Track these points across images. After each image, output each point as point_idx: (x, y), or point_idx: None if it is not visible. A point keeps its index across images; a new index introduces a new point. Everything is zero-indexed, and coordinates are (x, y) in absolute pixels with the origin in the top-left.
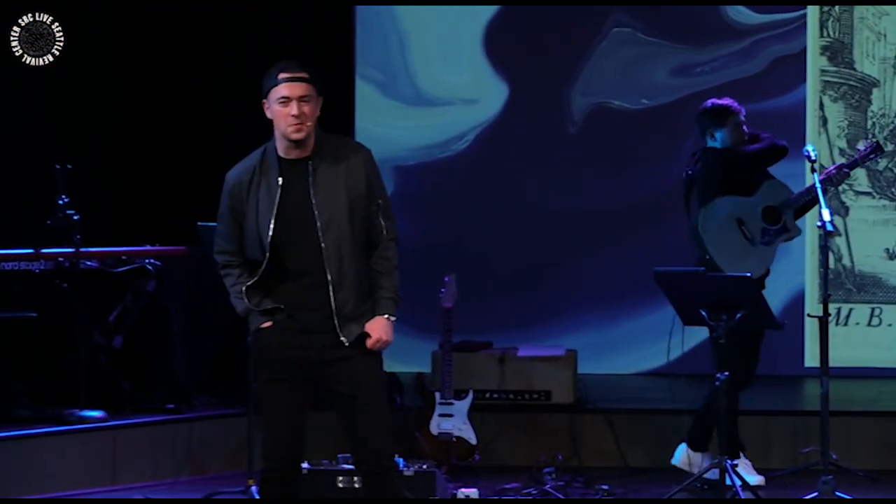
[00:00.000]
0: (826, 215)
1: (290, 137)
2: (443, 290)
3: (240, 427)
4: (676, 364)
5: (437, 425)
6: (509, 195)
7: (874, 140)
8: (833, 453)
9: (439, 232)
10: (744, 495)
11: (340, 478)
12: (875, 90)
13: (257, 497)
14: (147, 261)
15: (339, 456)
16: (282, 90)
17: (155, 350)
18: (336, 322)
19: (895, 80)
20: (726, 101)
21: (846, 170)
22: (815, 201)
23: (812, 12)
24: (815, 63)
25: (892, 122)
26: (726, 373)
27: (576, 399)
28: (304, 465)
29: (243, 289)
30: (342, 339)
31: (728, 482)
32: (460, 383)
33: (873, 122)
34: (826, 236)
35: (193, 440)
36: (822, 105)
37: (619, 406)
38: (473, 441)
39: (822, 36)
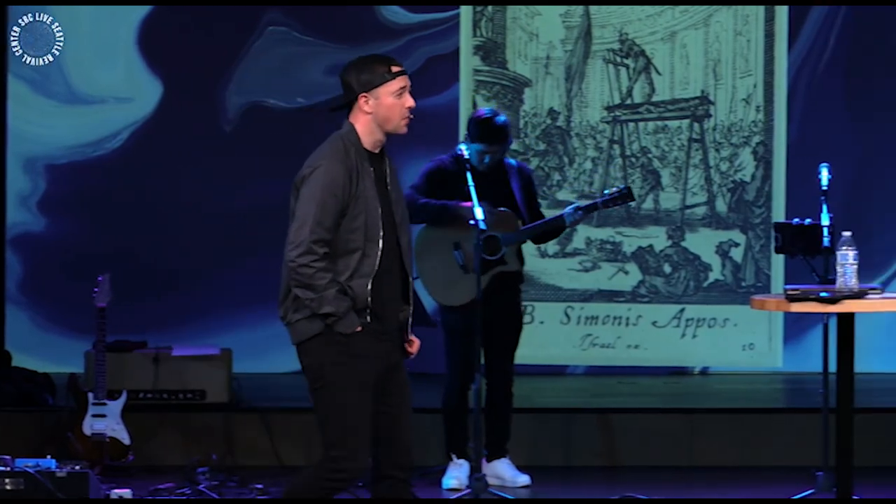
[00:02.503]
0: (479, 214)
1: (401, 130)
2: (96, 289)
3: None
4: None
5: (90, 426)
6: (165, 194)
7: (624, 186)
8: (485, 449)
9: (93, 231)
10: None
11: (7, 480)
12: (527, 90)
13: None
14: None
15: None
16: (400, 82)
17: None
18: (410, 322)
19: (547, 80)
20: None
21: (581, 212)
22: (553, 233)
23: (465, 12)
24: (468, 62)
25: (544, 122)
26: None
27: (231, 398)
28: None
29: (342, 285)
30: (409, 339)
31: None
32: (114, 383)
33: (526, 122)
34: (479, 234)
35: None
36: (475, 104)
37: (274, 405)
38: (127, 441)
39: (475, 35)
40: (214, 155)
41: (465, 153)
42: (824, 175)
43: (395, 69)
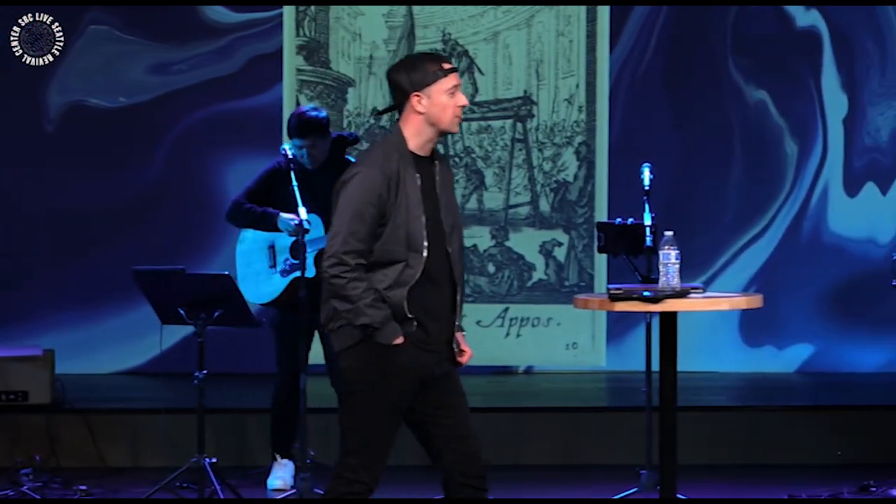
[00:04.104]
0: (303, 213)
1: (454, 129)
2: None
3: None
4: (155, 363)
5: None
6: None
7: None
8: (311, 450)
9: None
10: (222, 494)
11: None
12: (351, 89)
13: None
14: None
15: None
16: (452, 80)
17: None
18: (455, 332)
19: (370, 80)
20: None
21: None
22: None
23: (288, 12)
24: (291, 62)
25: (368, 122)
26: (205, 371)
27: (53, 399)
28: None
29: (379, 294)
30: (457, 349)
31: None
32: None
33: (349, 122)
34: (301, 233)
35: None
36: (298, 104)
37: (97, 405)
38: None
39: (298, 35)
40: (37, 154)
41: (290, 152)
42: (646, 175)
43: (446, 66)
